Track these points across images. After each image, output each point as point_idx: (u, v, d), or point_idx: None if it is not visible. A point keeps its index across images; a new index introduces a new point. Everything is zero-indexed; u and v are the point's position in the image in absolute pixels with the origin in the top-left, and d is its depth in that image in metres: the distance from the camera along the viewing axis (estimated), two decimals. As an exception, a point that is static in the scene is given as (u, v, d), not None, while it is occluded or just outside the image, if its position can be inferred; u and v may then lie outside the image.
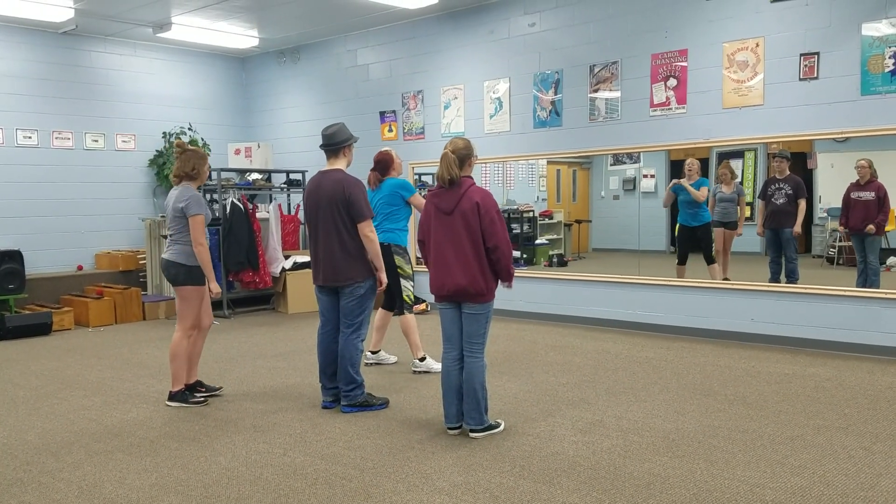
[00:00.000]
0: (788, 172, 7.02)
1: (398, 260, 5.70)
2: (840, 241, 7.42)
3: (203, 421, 4.68)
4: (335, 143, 4.70)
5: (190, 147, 5.07)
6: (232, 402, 5.09)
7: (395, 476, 3.67)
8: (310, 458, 3.97)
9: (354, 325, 4.68)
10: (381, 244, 5.70)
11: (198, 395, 5.09)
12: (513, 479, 3.60)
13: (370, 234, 4.64)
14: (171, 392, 5.03)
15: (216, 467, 3.86)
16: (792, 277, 6.84)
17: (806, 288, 6.51)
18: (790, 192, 6.99)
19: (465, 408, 4.20)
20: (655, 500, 3.32)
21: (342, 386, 4.74)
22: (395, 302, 5.94)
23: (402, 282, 5.73)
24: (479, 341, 4.18)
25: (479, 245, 4.07)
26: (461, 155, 4.15)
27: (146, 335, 7.78)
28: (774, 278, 6.93)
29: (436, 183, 4.24)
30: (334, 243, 4.62)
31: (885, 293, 6.07)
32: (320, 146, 4.78)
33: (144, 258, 9.33)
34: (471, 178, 4.22)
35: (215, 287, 4.98)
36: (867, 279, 6.49)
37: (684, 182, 7.62)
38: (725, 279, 7.22)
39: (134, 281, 9.25)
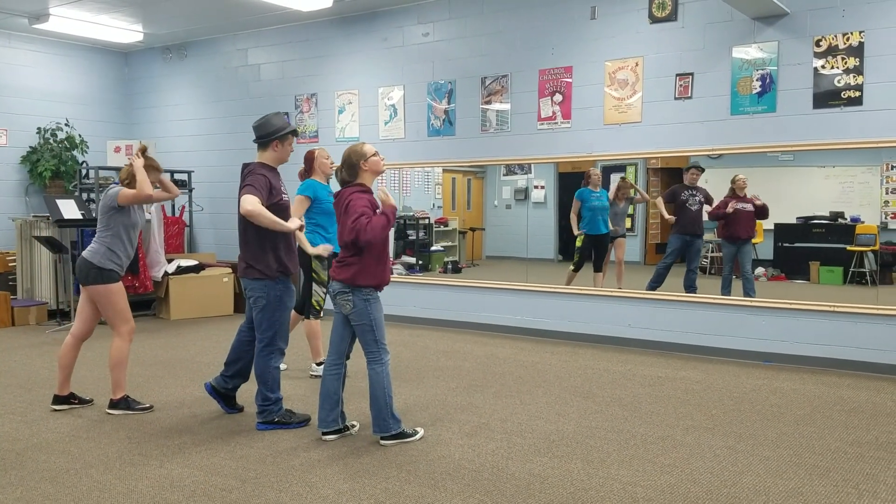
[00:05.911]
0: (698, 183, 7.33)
1: (315, 264, 5.61)
2: (713, 251, 7.88)
3: (74, 432, 4.45)
4: (259, 136, 4.48)
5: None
6: (105, 413, 4.86)
7: (279, 486, 3.62)
8: (188, 469, 3.85)
9: (263, 339, 4.46)
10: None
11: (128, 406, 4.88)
12: (398, 484, 3.62)
13: (247, 204, 4.15)
14: (112, 400, 4.83)
15: (87, 480, 3.68)
16: (692, 288, 7.16)
17: (679, 296, 6.88)
18: (702, 200, 7.31)
19: (370, 414, 4.21)
20: (535, 500, 3.42)
21: (256, 401, 4.53)
22: (305, 306, 5.85)
23: (314, 286, 5.66)
24: (372, 348, 4.16)
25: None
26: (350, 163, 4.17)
27: (15, 342, 7.31)
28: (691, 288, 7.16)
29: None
30: (242, 238, 4.46)
31: (751, 301, 6.50)
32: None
33: (14, 260, 8.77)
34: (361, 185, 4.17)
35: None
36: (743, 288, 6.91)
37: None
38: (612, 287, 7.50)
39: (3, 284, 8.67)
